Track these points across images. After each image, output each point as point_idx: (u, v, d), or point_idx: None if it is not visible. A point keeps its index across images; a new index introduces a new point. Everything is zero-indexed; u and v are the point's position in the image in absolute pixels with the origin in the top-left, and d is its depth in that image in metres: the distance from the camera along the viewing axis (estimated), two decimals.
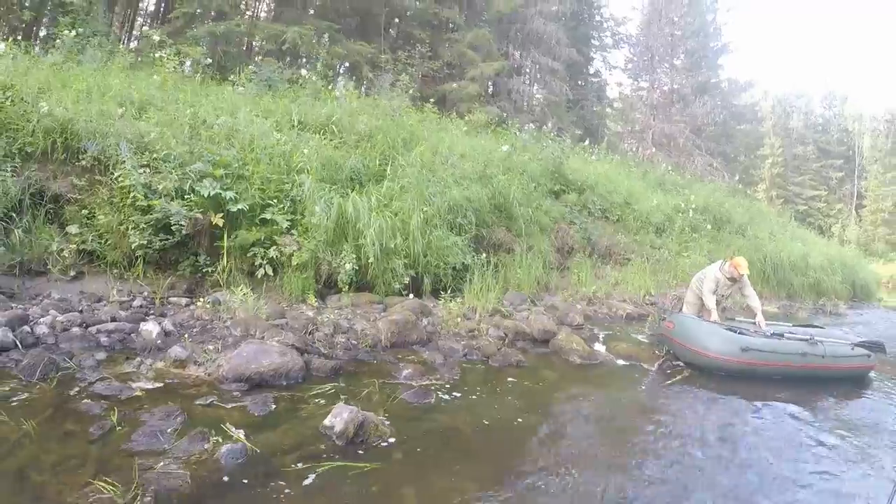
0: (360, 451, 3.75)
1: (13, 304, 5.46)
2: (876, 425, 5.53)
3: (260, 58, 16.31)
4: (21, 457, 3.25)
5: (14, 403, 3.85)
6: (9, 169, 6.35)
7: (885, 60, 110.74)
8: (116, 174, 6.66)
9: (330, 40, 14.45)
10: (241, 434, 3.68)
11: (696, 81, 31.23)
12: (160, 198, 6.56)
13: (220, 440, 3.60)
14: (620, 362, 7.00)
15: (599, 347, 7.43)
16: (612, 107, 34.96)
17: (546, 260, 10.49)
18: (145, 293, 6.44)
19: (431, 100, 14.54)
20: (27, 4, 15.17)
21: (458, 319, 7.18)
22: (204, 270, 6.92)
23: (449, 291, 7.89)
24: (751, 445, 4.61)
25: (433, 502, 3.32)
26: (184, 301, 6.49)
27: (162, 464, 3.29)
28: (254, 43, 18.38)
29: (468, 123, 14.71)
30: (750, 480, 3.94)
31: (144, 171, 6.75)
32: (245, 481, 3.26)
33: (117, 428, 3.66)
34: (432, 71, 19.60)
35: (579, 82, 29.68)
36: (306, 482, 3.34)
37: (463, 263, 8.54)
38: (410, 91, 13.43)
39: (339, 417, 3.87)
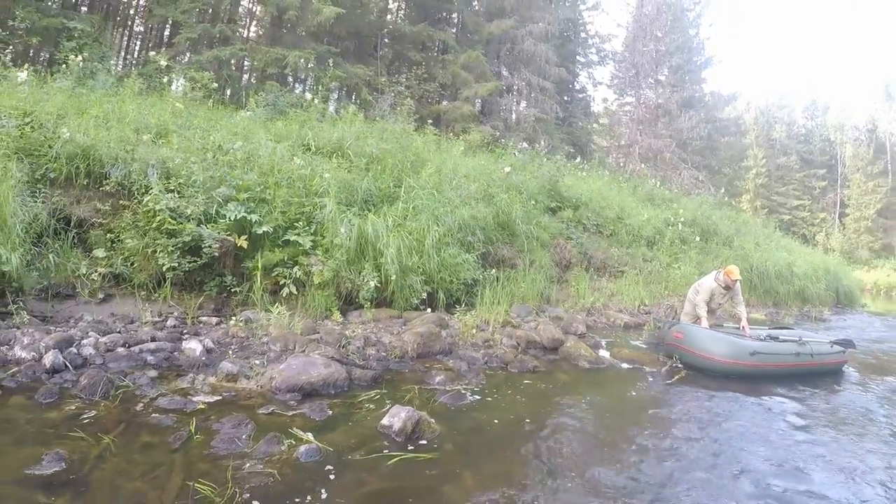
0: (417, 445, 4.26)
1: (51, 328, 5.66)
2: (861, 415, 6.16)
3: (254, 80, 16.69)
4: (108, 469, 3.52)
5: (85, 421, 4.11)
6: (39, 194, 6.58)
7: (866, 70, 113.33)
8: (146, 199, 6.89)
9: (332, 64, 14.87)
10: (310, 436, 4.10)
11: (681, 96, 31.91)
12: (188, 221, 6.86)
13: (294, 442, 4.02)
14: (625, 366, 7.59)
15: (604, 353, 7.96)
16: (598, 122, 35.67)
17: (547, 274, 10.94)
18: (176, 313, 6.73)
19: (429, 121, 15.00)
20: (29, 28, 15.30)
21: (474, 331, 7.66)
22: (232, 290, 7.22)
23: (463, 305, 8.38)
24: (747, 436, 5.15)
25: (488, 483, 3.83)
26: (214, 320, 6.81)
27: (249, 465, 3.70)
28: (244, 65, 18.70)
29: (465, 143, 15.17)
30: (748, 469, 4.41)
31: (172, 196, 7.00)
32: (327, 475, 3.69)
33: (195, 437, 4.01)
34: (427, 92, 20.07)
35: (565, 98, 30.30)
36: (380, 472, 3.83)
37: (473, 279, 9.00)
38: (413, 115, 13.88)
39: (397, 417, 4.38)
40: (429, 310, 8.17)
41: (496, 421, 5.02)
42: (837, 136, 58.78)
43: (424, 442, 4.33)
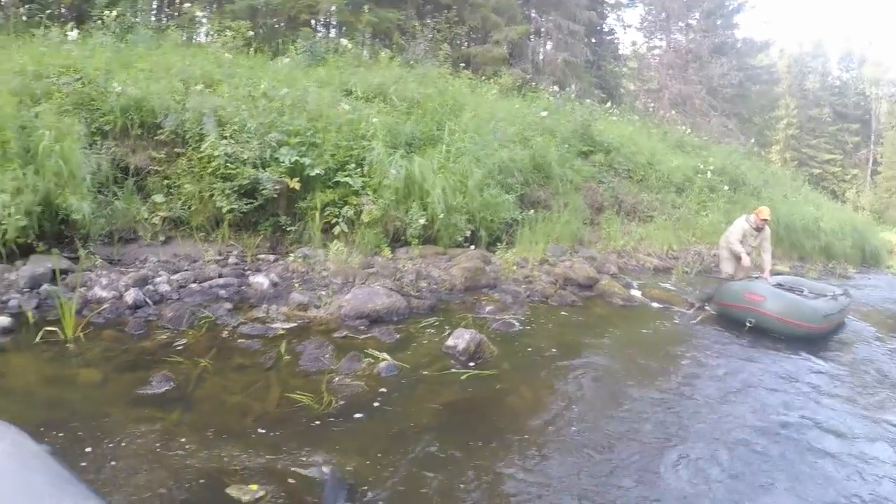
0: (479, 364, 4.82)
1: (122, 269, 6.06)
2: (872, 365, 6.50)
3: (279, 25, 16.69)
4: (209, 387, 4.02)
5: (179, 348, 4.60)
6: (101, 146, 6.92)
7: None
8: (203, 146, 7.19)
9: (367, 10, 14.86)
10: (386, 355, 4.64)
11: (712, 42, 31.21)
12: (244, 165, 7.19)
13: (372, 360, 4.56)
14: (655, 305, 8.10)
15: (635, 293, 8.46)
16: (627, 66, 35.03)
17: (580, 216, 11.27)
18: (235, 252, 7.12)
19: (461, 64, 15.05)
20: None
21: (514, 267, 8.14)
22: (286, 230, 7.61)
23: (503, 243, 8.80)
24: (762, 380, 5.51)
25: (543, 397, 4.49)
26: (272, 257, 7.22)
27: (337, 379, 4.25)
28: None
29: (498, 86, 15.27)
30: (754, 410, 4.73)
31: (228, 142, 7.30)
32: (406, 388, 4.26)
33: (283, 357, 4.52)
34: (458, 35, 20.00)
35: (593, 40, 29.81)
36: (451, 385, 4.41)
37: (513, 218, 9.38)
38: (448, 60, 13.98)
39: (461, 339, 4.94)
40: (472, 247, 8.57)
41: (543, 346, 5.61)
42: (873, 91, 55.62)
43: (485, 361, 4.86)
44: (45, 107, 6.59)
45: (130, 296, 5.36)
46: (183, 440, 3.29)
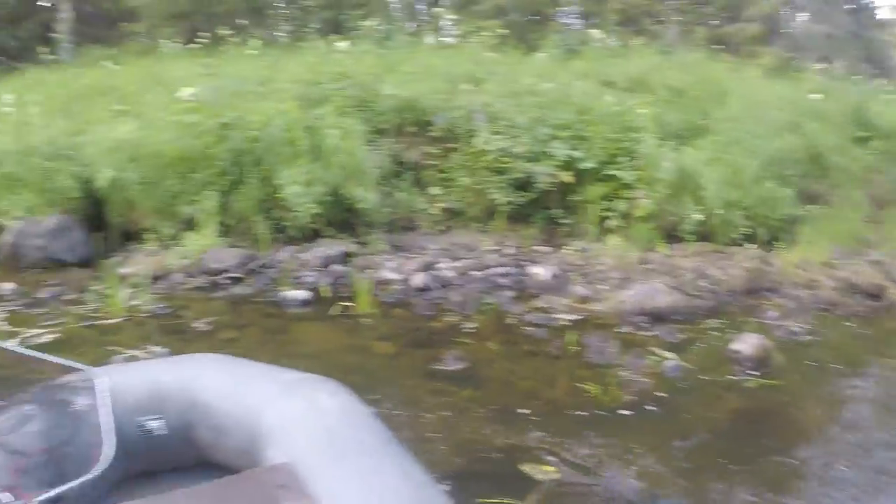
0: (764, 372, 4.61)
1: (406, 255, 6.72)
2: None
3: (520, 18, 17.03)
4: (499, 369, 4.40)
5: (467, 330, 5.04)
6: (381, 144, 7.71)
7: None
8: (477, 141, 7.66)
9: None
10: (672, 354, 4.70)
11: None
12: (516, 159, 7.54)
13: (657, 359, 4.63)
14: None
15: None
16: (893, 34, 30.10)
17: (862, 212, 10.05)
18: (510, 243, 7.44)
19: (712, 46, 14.20)
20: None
21: (796, 270, 7.52)
22: (560, 222, 7.79)
23: (782, 242, 8.19)
24: None
25: (828, 415, 4.17)
26: (547, 249, 7.43)
27: (623, 373, 4.40)
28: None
29: (759, 67, 14.14)
30: None
31: (500, 137, 7.68)
32: (691, 389, 4.28)
33: (570, 348, 4.76)
34: (705, 16, 18.96)
35: (853, 7, 26.11)
36: (736, 391, 4.32)
37: (791, 215, 8.67)
38: (704, 43, 13.33)
39: (748, 343, 4.77)
40: (751, 246, 8.01)
41: (828, 359, 5.18)
42: None
43: (770, 370, 4.64)
44: (326, 109, 7.52)
45: (418, 279, 5.98)
46: (475, 416, 3.63)
